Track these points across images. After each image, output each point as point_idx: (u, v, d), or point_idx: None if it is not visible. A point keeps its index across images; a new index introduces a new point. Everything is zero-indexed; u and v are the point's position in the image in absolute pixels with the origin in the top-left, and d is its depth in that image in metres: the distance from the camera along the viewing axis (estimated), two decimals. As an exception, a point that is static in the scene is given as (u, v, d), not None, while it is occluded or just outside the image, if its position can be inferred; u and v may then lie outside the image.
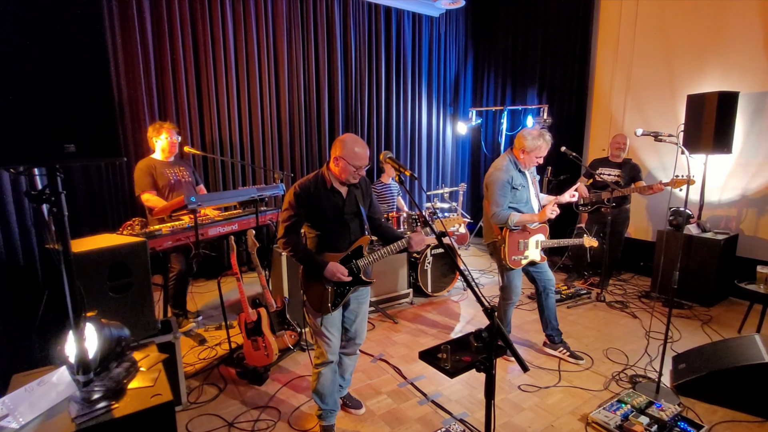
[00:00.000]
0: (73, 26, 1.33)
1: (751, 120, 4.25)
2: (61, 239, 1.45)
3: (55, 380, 1.51)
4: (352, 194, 2.19)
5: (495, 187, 2.85)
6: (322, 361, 2.22)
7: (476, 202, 7.30)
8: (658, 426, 2.26)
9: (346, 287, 2.18)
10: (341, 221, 2.16)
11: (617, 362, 3.07)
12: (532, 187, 3.02)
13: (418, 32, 6.35)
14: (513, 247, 2.95)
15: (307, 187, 2.11)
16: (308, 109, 5.50)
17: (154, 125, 3.43)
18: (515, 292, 3.08)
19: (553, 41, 5.89)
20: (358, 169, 2.06)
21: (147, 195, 3.30)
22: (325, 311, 2.14)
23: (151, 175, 3.33)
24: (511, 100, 6.54)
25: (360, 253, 2.20)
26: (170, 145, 3.42)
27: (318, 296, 2.14)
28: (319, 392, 2.24)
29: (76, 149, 1.36)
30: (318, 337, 2.21)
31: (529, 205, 2.97)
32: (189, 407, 2.54)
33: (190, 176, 3.59)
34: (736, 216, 4.42)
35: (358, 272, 2.19)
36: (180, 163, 3.57)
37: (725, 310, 4.03)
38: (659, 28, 4.87)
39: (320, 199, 2.10)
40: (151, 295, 2.36)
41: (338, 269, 2.09)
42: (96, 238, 2.41)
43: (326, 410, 2.28)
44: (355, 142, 2.05)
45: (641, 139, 4.96)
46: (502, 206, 2.85)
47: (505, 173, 2.86)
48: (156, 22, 4.35)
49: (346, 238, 2.19)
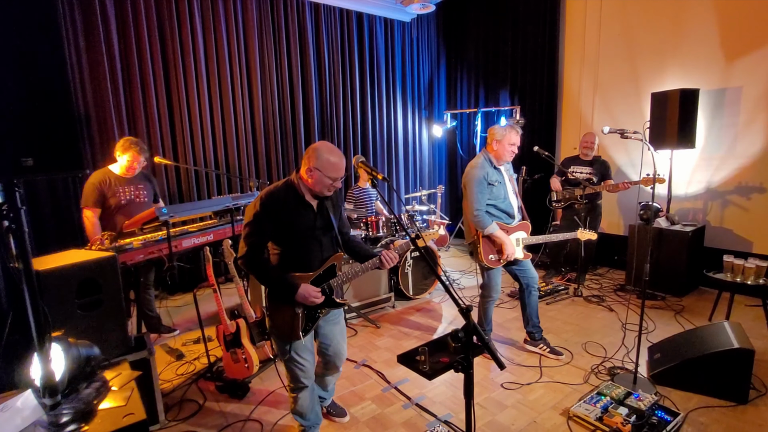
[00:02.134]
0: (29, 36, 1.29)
1: (711, 116, 4.43)
2: (22, 257, 1.38)
3: (20, 405, 1.44)
4: (324, 206, 2.00)
5: (472, 185, 2.89)
6: (297, 387, 2.09)
7: (454, 204, 7.37)
8: (636, 416, 2.31)
9: (317, 310, 2.00)
10: (312, 236, 1.96)
11: (596, 355, 3.14)
12: (509, 184, 3.06)
13: (390, 37, 6.40)
14: (488, 246, 2.98)
15: (275, 196, 1.89)
16: (283, 117, 5.46)
17: (125, 142, 3.25)
18: (495, 289, 3.11)
19: (522, 44, 6.02)
20: (335, 181, 1.88)
21: (88, 212, 3.14)
22: (295, 338, 1.94)
23: (101, 192, 3.17)
24: (485, 102, 6.65)
25: (333, 273, 2.02)
26: (129, 167, 3.26)
27: (287, 322, 1.94)
28: (299, 412, 2.16)
29: (34, 163, 1.31)
30: (289, 363, 2.03)
31: (507, 202, 3.00)
32: (167, 425, 2.46)
33: (147, 195, 3.41)
34: (702, 208, 4.59)
35: (330, 293, 2.00)
36: (139, 180, 3.38)
37: (696, 299, 4.17)
38: (623, 29, 5.04)
39: (290, 212, 1.89)
40: (123, 312, 2.29)
41: (311, 292, 1.89)
42: (64, 254, 2.32)
43: (308, 425, 2.21)
44: (330, 152, 1.86)
45: (610, 137, 5.09)
46: (482, 204, 2.88)
47: (480, 170, 2.90)
48: (122, 30, 4.24)
49: (317, 256, 1.98)
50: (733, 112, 4.31)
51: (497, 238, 2.91)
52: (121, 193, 3.25)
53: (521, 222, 3.10)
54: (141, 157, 3.29)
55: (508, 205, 3.01)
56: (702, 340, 2.72)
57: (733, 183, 4.37)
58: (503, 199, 2.99)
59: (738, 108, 4.28)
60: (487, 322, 3.25)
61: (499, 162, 2.97)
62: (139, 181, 3.38)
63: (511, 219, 3.05)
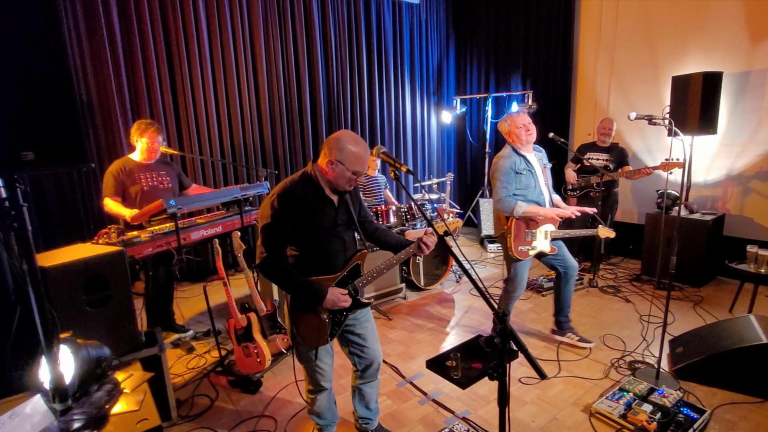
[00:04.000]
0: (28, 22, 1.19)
1: (734, 100, 4.26)
2: (26, 257, 1.31)
3: (29, 411, 1.38)
4: (343, 200, 1.85)
5: (499, 174, 2.79)
6: (317, 389, 2.00)
7: (463, 192, 7.26)
8: (661, 413, 2.23)
9: (343, 313, 1.87)
10: (334, 235, 1.81)
11: (615, 349, 3.06)
12: (540, 174, 2.91)
13: (398, 20, 6.20)
14: (519, 237, 2.85)
15: (292, 192, 1.72)
16: (289, 103, 5.32)
17: (139, 124, 3.11)
18: (520, 285, 2.97)
19: (535, 26, 5.82)
20: (357, 175, 1.73)
21: (107, 200, 3.01)
22: (322, 343, 1.84)
23: (121, 180, 3.04)
24: (495, 86, 6.47)
25: (357, 272, 1.87)
26: (149, 150, 3.13)
27: (313, 329, 1.81)
28: (316, 412, 2.09)
29: (36, 157, 1.22)
30: (311, 370, 1.94)
31: (537, 191, 2.86)
32: (179, 422, 2.42)
33: (172, 181, 3.27)
34: (721, 196, 4.45)
35: (356, 294, 1.86)
36: (161, 166, 3.25)
37: (714, 289, 4.07)
38: (641, 10, 4.84)
39: (310, 209, 1.74)
40: (133, 307, 2.23)
41: (339, 297, 1.76)
42: (70, 249, 2.25)
43: (324, 424, 2.15)
44: (355, 143, 1.71)
45: (627, 123, 4.95)
46: (508, 192, 2.77)
47: (507, 159, 2.80)
48: (123, 14, 4.10)
49: (340, 256, 1.84)
50: (758, 96, 4.15)
51: (531, 212, 2.77)
52: (143, 179, 3.10)
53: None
54: (159, 136, 3.16)
55: (538, 194, 2.86)
56: (728, 334, 2.63)
57: (755, 170, 4.23)
58: (533, 188, 2.84)
59: (763, 92, 4.11)
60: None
61: (523, 147, 2.84)
62: (160, 167, 3.24)
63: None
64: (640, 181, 4.91)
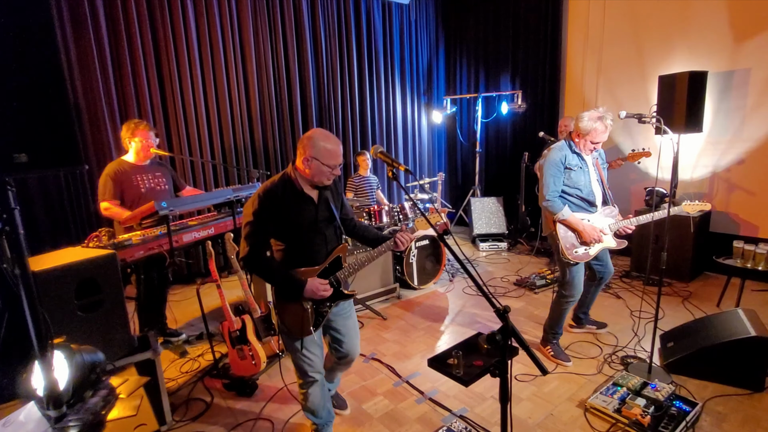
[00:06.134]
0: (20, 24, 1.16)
1: (719, 99, 4.35)
2: (18, 261, 1.28)
3: (23, 419, 1.35)
4: (324, 197, 1.95)
5: (547, 167, 2.64)
6: (305, 381, 2.05)
7: (454, 192, 7.29)
8: (655, 407, 2.27)
9: (326, 304, 1.97)
10: (315, 230, 1.92)
11: (608, 344, 3.10)
12: (594, 172, 2.75)
13: (388, 20, 6.21)
14: (570, 239, 2.70)
15: (273, 192, 1.84)
16: (280, 103, 5.30)
17: (129, 124, 3.04)
18: (577, 288, 2.78)
19: (524, 26, 5.88)
20: (333, 169, 1.84)
21: (106, 203, 2.93)
22: (306, 333, 1.93)
23: (118, 183, 2.96)
24: (485, 86, 6.52)
25: (339, 265, 1.99)
26: (144, 148, 3.06)
27: (297, 319, 1.91)
28: (310, 409, 2.10)
29: (28, 159, 1.19)
30: (298, 359, 2.00)
31: (588, 189, 2.71)
32: (174, 426, 2.39)
33: (167, 183, 3.21)
34: (708, 193, 4.54)
35: (338, 286, 1.98)
36: (157, 167, 3.18)
37: (702, 284, 4.15)
38: (628, 10, 4.91)
39: (289, 207, 1.85)
40: (125, 311, 2.19)
41: (318, 286, 1.87)
42: (60, 252, 2.21)
43: (321, 423, 2.15)
44: (326, 139, 1.82)
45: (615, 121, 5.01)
46: (554, 189, 2.63)
47: (558, 152, 2.66)
48: (110, 15, 4.04)
49: (321, 249, 1.96)
50: (741, 95, 4.24)
51: (572, 224, 2.64)
52: (140, 181, 3.03)
53: (605, 208, 2.82)
54: (151, 133, 3.08)
55: (590, 194, 2.70)
56: (717, 328, 2.68)
57: (739, 167, 4.32)
58: (584, 187, 2.69)
59: (746, 90, 4.21)
60: (559, 326, 2.92)
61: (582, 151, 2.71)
62: (156, 168, 3.18)
63: (593, 208, 2.76)
64: (629, 179, 5.00)
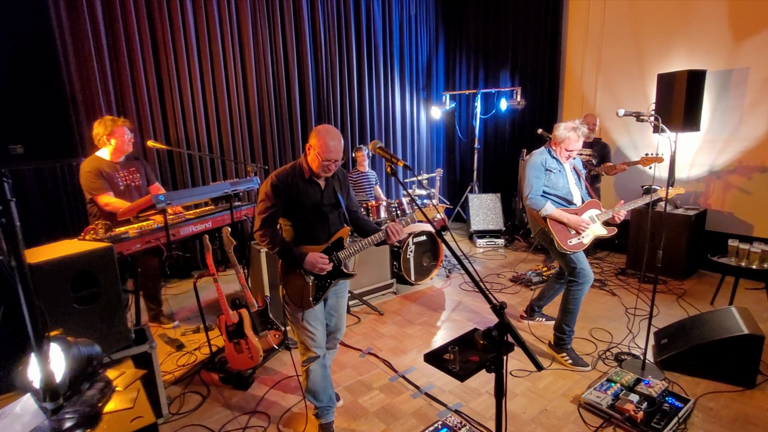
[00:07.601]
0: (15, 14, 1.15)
1: (717, 97, 4.36)
2: (15, 254, 1.27)
3: (19, 410, 1.35)
4: (330, 185, 2.15)
5: (529, 168, 2.83)
6: (308, 357, 2.14)
7: (452, 188, 7.30)
8: (648, 403, 2.30)
9: (327, 280, 2.12)
10: (319, 213, 2.11)
11: (602, 341, 3.12)
12: (571, 175, 2.89)
13: (388, 15, 6.18)
14: (562, 231, 2.78)
15: (284, 177, 2.04)
16: (278, 97, 5.27)
17: (104, 122, 2.98)
18: (586, 272, 2.80)
19: (524, 23, 5.86)
20: (329, 163, 1.98)
21: (106, 198, 2.92)
22: (306, 305, 2.07)
23: (103, 176, 2.94)
24: (484, 83, 6.51)
25: (340, 245, 2.15)
26: (121, 146, 3.02)
27: (299, 290, 2.07)
28: (312, 390, 2.17)
29: (24, 150, 1.18)
30: (301, 332, 2.13)
31: (567, 190, 2.84)
32: (171, 419, 2.40)
33: (141, 178, 3.18)
34: (704, 192, 4.57)
35: (339, 264, 2.13)
36: (130, 163, 3.15)
37: (696, 282, 4.18)
38: (628, 9, 4.91)
39: (298, 190, 2.05)
40: (122, 304, 2.19)
41: (318, 259, 2.02)
42: (56, 245, 2.20)
43: (322, 407, 2.20)
44: (327, 134, 1.96)
45: (612, 119, 5.04)
46: (536, 188, 2.78)
47: (539, 156, 2.84)
48: (107, 6, 4.00)
49: (324, 230, 2.14)
50: (739, 94, 4.25)
51: (557, 217, 2.75)
52: (117, 179, 3.03)
53: (589, 201, 2.90)
54: (127, 130, 3.04)
55: (568, 193, 2.85)
56: (710, 326, 2.71)
57: (735, 166, 4.35)
58: (562, 188, 2.84)
59: (744, 89, 4.22)
60: (574, 321, 2.87)
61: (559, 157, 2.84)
62: (130, 163, 3.15)
63: (572, 206, 2.86)
64: (625, 177, 5.01)
